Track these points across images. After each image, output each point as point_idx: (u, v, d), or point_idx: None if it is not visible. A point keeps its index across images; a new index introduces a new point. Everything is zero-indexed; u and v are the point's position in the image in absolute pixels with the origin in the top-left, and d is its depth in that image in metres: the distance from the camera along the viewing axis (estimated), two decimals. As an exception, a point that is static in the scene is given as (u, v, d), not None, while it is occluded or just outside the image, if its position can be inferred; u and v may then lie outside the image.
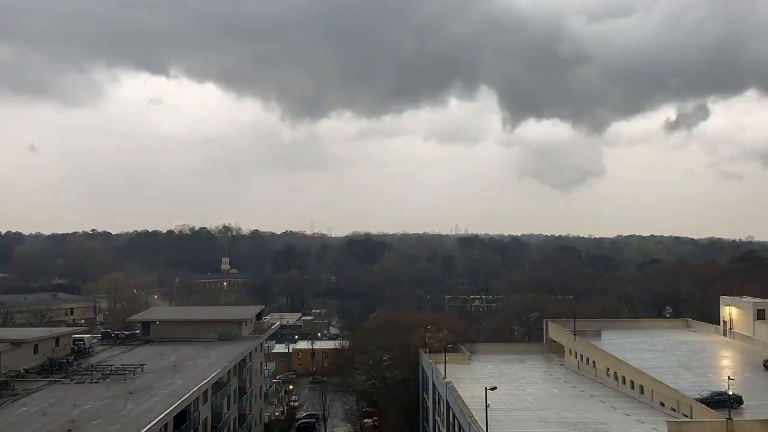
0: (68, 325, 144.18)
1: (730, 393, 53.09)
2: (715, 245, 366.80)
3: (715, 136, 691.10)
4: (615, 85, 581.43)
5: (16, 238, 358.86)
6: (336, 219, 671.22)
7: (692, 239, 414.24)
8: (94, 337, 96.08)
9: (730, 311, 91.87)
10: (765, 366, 71.35)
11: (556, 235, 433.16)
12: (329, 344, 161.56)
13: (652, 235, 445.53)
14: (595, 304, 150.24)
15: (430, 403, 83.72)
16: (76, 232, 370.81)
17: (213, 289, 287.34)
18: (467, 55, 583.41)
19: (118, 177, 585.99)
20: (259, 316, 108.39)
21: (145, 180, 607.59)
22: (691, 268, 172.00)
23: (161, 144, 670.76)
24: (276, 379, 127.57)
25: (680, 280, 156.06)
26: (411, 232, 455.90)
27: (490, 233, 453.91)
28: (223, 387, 75.85)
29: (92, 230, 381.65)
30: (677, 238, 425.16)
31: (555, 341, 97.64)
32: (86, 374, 67.99)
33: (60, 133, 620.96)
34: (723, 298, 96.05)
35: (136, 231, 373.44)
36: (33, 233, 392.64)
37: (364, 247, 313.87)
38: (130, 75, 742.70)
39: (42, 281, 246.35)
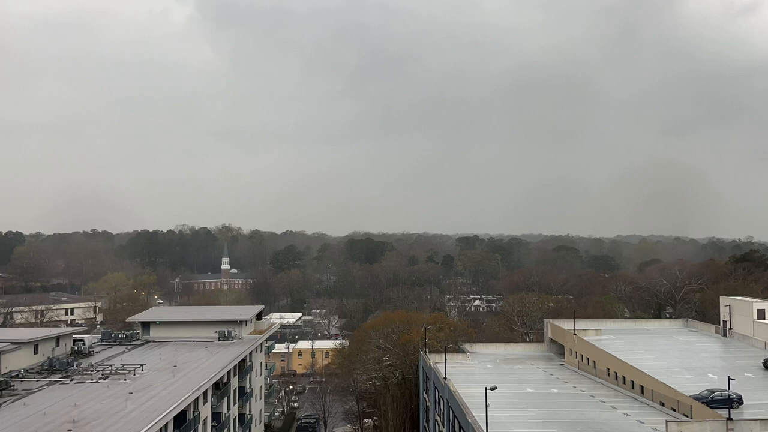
0: (68, 325, 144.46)
1: (730, 393, 53.00)
2: (715, 245, 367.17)
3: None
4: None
5: (16, 238, 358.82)
6: (336, 219, 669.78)
7: (692, 239, 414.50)
8: (94, 337, 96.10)
9: (730, 311, 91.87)
10: (765, 366, 71.34)
11: (556, 235, 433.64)
12: (329, 344, 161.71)
13: (652, 235, 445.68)
14: (595, 304, 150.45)
15: (430, 403, 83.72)
16: (76, 232, 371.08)
17: (213, 289, 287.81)
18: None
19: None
20: (259, 316, 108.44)
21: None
22: (691, 268, 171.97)
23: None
24: (276, 379, 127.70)
25: (680, 280, 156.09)
26: (411, 232, 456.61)
27: (490, 233, 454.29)
28: (223, 387, 75.91)
29: (92, 230, 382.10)
30: (677, 238, 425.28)
31: (555, 341, 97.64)
32: (86, 374, 68.02)
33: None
34: (723, 298, 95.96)
35: (136, 231, 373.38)
36: (33, 233, 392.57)
37: (364, 247, 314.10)
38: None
39: (42, 281, 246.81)
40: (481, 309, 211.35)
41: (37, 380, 65.45)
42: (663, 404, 59.54)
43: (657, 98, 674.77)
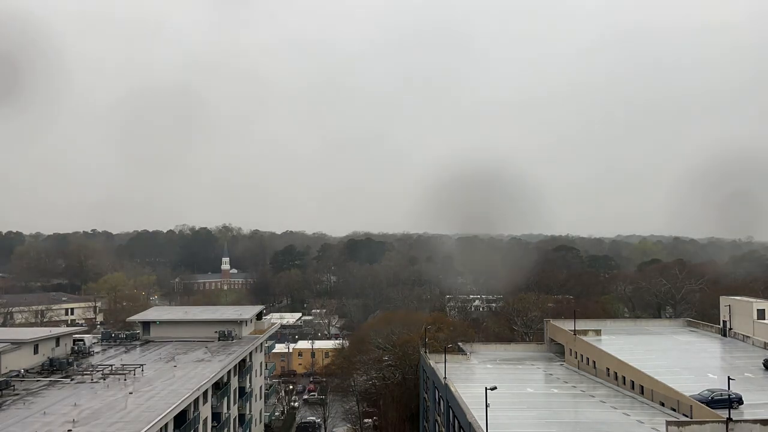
0: (68, 325, 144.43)
1: (730, 393, 53.01)
2: (715, 245, 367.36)
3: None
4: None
5: (16, 238, 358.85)
6: (336, 219, 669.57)
7: (692, 239, 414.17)
8: (94, 337, 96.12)
9: (730, 311, 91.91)
10: (765, 366, 71.38)
11: (556, 235, 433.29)
12: (329, 344, 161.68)
13: (652, 235, 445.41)
14: (595, 304, 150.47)
15: (430, 403, 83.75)
16: (76, 232, 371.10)
17: (213, 289, 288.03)
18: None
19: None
20: (259, 316, 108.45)
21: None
22: (691, 268, 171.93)
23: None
24: (276, 379, 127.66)
25: (680, 280, 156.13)
26: (411, 232, 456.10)
27: (490, 233, 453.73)
28: (223, 387, 75.92)
29: (92, 230, 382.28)
30: (677, 238, 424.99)
31: (555, 341, 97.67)
32: (86, 374, 68.03)
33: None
34: (723, 298, 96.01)
35: (136, 231, 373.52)
36: (33, 233, 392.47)
37: (364, 247, 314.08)
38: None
39: (42, 281, 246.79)
40: (481, 309, 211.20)
41: (37, 380, 65.48)
42: (663, 404, 59.57)
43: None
